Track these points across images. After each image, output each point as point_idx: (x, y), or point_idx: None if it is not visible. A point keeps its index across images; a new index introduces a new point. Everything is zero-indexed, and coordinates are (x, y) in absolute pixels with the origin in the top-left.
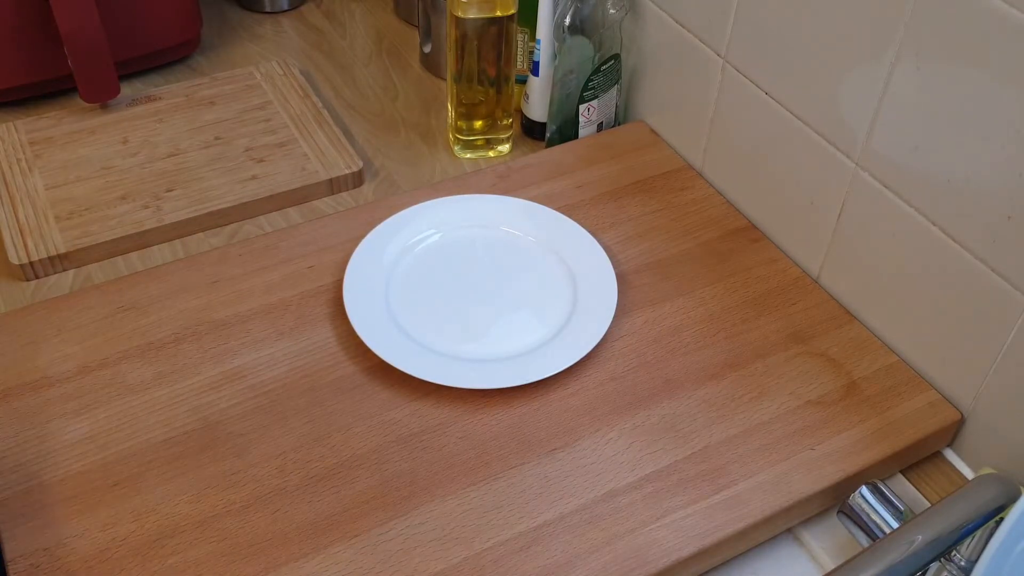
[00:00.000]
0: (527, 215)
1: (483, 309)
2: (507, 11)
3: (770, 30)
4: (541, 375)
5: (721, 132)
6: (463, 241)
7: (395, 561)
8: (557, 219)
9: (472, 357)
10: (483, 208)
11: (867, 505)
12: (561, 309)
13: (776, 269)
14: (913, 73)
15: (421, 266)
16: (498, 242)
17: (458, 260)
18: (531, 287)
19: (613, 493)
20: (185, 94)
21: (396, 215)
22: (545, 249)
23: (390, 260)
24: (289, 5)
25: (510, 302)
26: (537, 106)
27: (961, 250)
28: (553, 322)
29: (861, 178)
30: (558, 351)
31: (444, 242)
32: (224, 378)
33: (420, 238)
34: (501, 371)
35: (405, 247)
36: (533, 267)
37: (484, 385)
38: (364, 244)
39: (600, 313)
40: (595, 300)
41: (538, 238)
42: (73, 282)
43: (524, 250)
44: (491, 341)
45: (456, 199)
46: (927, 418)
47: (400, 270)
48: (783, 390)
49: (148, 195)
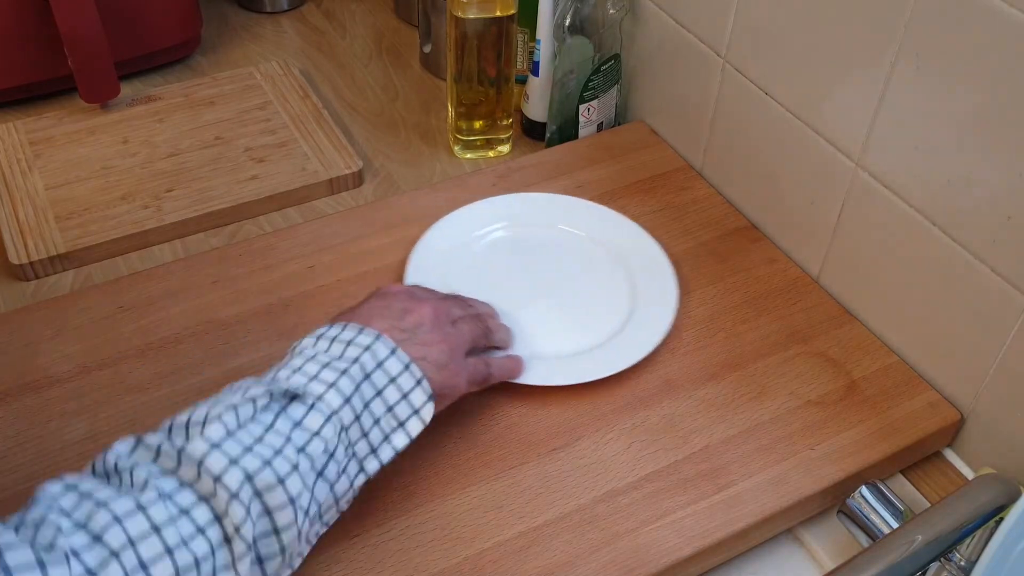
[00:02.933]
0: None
1: (536, 308)
2: (507, 11)
3: (770, 30)
4: (578, 379)
5: (721, 132)
6: (531, 239)
7: (395, 561)
8: (639, 237)
9: (533, 354)
10: (558, 208)
11: (867, 505)
12: (613, 317)
13: (776, 269)
14: (913, 73)
15: (482, 261)
16: (565, 243)
17: (520, 258)
18: (589, 290)
19: (613, 493)
20: (185, 94)
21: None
22: (614, 261)
23: (449, 253)
24: (289, 5)
25: (562, 302)
26: (537, 106)
27: (961, 250)
28: (603, 329)
29: (861, 178)
30: (607, 356)
31: (510, 238)
32: (224, 378)
33: (486, 231)
34: (554, 369)
35: (469, 240)
36: (593, 271)
37: (539, 382)
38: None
39: (654, 327)
40: (650, 314)
41: (610, 250)
42: (73, 282)
43: (588, 254)
44: (542, 340)
45: (535, 196)
46: (927, 418)
47: (460, 263)
48: (783, 390)
49: (148, 195)
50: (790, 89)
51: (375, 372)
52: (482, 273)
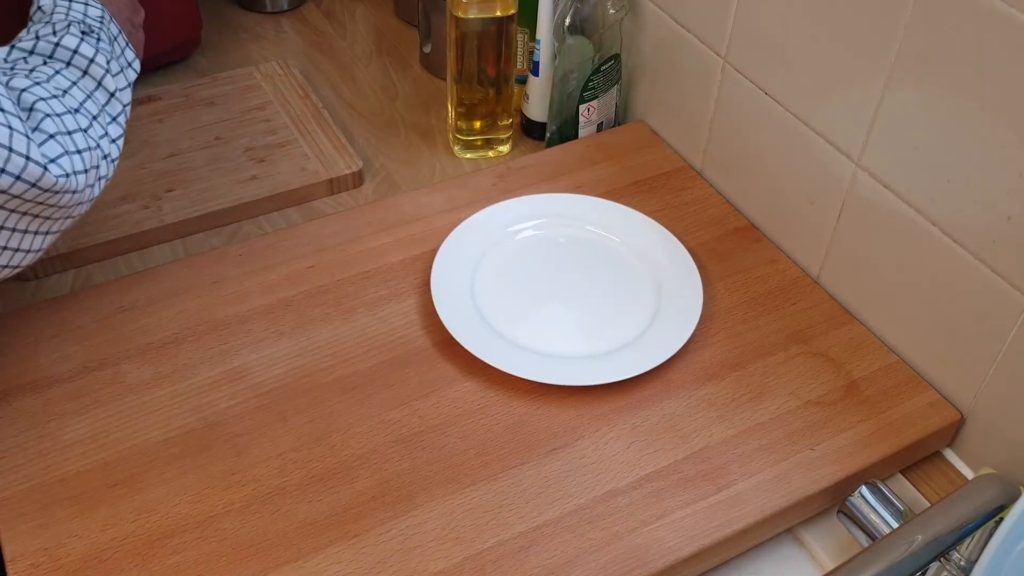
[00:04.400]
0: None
1: (565, 308)
2: (507, 11)
3: (770, 30)
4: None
5: (721, 132)
6: (560, 239)
7: (395, 561)
8: (676, 249)
9: (571, 355)
10: (592, 210)
11: (867, 505)
12: (632, 324)
13: (776, 269)
14: (913, 73)
15: (512, 259)
16: (598, 245)
17: (552, 257)
18: (614, 291)
19: (613, 493)
20: (185, 94)
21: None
22: (648, 270)
23: (478, 253)
24: (289, 5)
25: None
26: (537, 106)
27: (961, 250)
28: (627, 331)
29: (861, 178)
30: (631, 356)
31: (539, 236)
32: (224, 378)
33: (516, 229)
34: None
35: (500, 238)
36: (622, 273)
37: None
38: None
39: (669, 343)
40: (668, 327)
41: (651, 262)
42: (73, 282)
43: (617, 255)
44: (572, 339)
45: (564, 197)
46: (927, 418)
47: (487, 265)
48: (783, 390)
49: (148, 195)
50: (790, 89)
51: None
52: (508, 271)
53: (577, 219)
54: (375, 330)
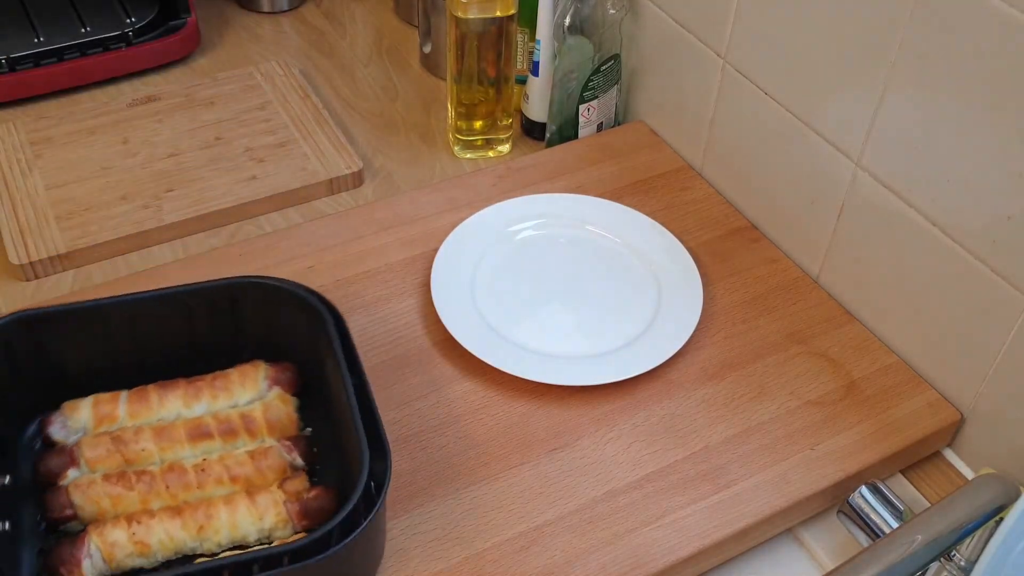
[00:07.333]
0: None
1: (565, 308)
2: (507, 11)
3: (770, 30)
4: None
5: (721, 132)
6: (561, 239)
7: (395, 560)
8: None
9: (571, 355)
10: (595, 211)
11: (867, 505)
12: (632, 325)
13: (776, 269)
14: (913, 73)
15: (512, 259)
16: (597, 246)
17: (552, 257)
18: (614, 291)
19: (613, 493)
20: (185, 94)
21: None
22: (649, 270)
23: (477, 256)
24: (289, 5)
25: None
26: (537, 106)
27: (961, 250)
28: (621, 335)
29: (861, 178)
30: (635, 356)
31: (541, 236)
32: None
33: (516, 229)
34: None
35: (499, 237)
36: (624, 278)
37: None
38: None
39: (668, 344)
40: (667, 330)
41: (651, 262)
42: (73, 282)
43: (620, 259)
44: (572, 339)
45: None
46: (927, 418)
47: (488, 265)
48: (783, 390)
49: (148, 195)
50: (790, 89)
51: None
52: (508, 271)
53: (577, 219)
54: (375, 330)
